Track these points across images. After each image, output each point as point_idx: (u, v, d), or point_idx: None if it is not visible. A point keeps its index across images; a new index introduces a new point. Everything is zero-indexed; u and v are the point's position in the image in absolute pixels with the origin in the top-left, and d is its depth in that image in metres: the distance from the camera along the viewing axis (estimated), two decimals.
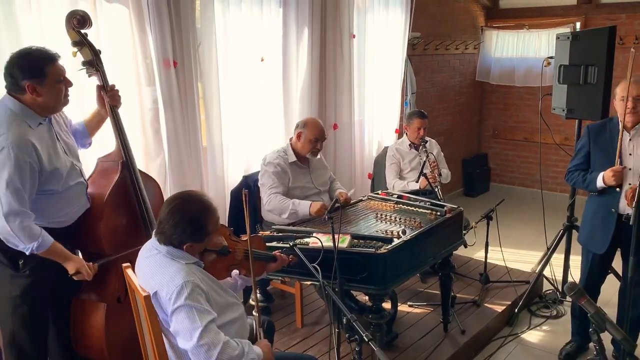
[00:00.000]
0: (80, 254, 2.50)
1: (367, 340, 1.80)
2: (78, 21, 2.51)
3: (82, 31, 2.56)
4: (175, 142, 3.43)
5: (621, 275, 3.31)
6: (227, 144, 3.82)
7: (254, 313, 2.30)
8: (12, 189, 2.18)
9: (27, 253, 2.25)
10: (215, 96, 3.67)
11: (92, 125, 2.74)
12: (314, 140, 3.56)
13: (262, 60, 3.96)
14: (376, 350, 1.71)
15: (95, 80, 2.67)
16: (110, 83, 2.69)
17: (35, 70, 2.26)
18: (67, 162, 2.44)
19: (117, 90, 2.71)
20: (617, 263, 3.21)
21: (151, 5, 3.14)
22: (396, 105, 5.31)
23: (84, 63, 2.60)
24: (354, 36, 4.67)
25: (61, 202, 2.41)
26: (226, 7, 3.67)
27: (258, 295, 3.60)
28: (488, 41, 6.88)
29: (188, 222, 2.00)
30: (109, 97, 2.65)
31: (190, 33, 3.41)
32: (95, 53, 2.61)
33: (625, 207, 2.90)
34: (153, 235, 2.11)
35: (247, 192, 2.21)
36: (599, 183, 2.90)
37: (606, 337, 1.83)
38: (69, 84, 2.40)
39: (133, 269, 2.17)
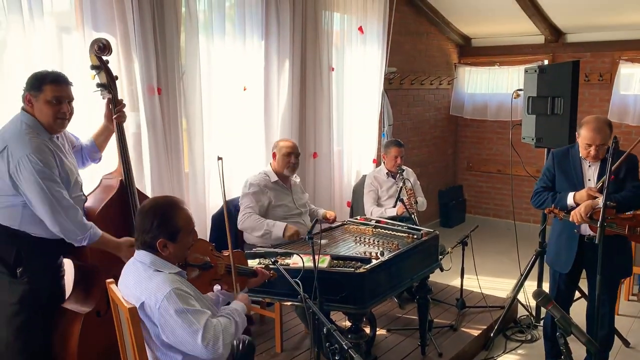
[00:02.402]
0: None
1: (347, 348, 1.85)
2: (99, 48, 2.75)
3: (103, 57, 2.78)
4: (158, 167, 3.50)
5: (587, 295, 3.41)
6: (208, 170, 3.90)
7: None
8: (56, 186, 2.37)
9: (84, 243, 2.46)
10: (198, 123, 3.76)
11: (101, 140, 2.93)
12: (287, 154, 3.69)
13: (244, 89, 4.09)
14: (355, 358, 1.77)
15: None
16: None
17: (35, 84, 2.46)
18: (73, 175, 2.60)
19: (124, 105, 2.92)
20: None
21: (138, 34, 3.26)
22: (374, 136, 5.46)
23: (99, 85, 2.83)
24: (333, 69, 4.85)
25: None
26: (210, 38, 3.81)
27: None
28: (461, 77, 7.15)
29: (155, 215, 2.07)
30: (117, 113, 2.83)
31: (175, 62, 3.53)
32: (112, 78, 2.83)
33: (586, 228, 3.05)
34: (135, 252, 2.16)
35: (222, 158, 2.37)
36: (569, 201, 3.04)
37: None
38: (65, 109, 2.52)
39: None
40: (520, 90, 4.27)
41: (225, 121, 4.02)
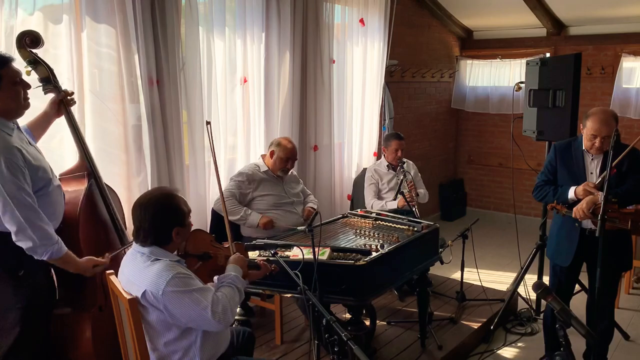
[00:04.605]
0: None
1: (346, 339, 1.85)
2: (31, 40, 2.53)
3: (34, 50, 2.56)
4: (158, 159, 3.49)
5: (587, 288, 3.42)
6: (209, 163, 3.89)
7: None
8: (17, 200, 2.18)
9: (45, 258, 2.26)
10: (198, 115, 3.75)
11: (40, 128, 2.67)
12: (284, 159, 3.71)
13: (244, 81, 4.08)
14: (354, 349, 1.77)
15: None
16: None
17: None
18: (45, 162, 2.44)
19: (72, 93, 2.73)
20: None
21: (138, 26, 3.24)
22: (374, 129, 5.45)
23: (41, 80, 2.60)
24: (334, 61, 4.83)
25: (51, 203, 2.41)
26: (210, 30, 3.79)
27: (239, 309, 3.64)
28: (463, 70, 7.12)
29: (163, 208, 2.10)
30: (66, 99, 2.65)
31: (176, 53, 3.51)
32: (51, 70, 2.61)
33: (588, 221, 3.04)
34: (134, 243, 2.16)
35: (210, 123, 2.32)
36: (571, 195, 3.04)
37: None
38: (27, 86, 2.36)
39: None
40: (521, 83, 4.25)
41: (225, 113, 4.01)
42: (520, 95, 4.68)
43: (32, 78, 2.55)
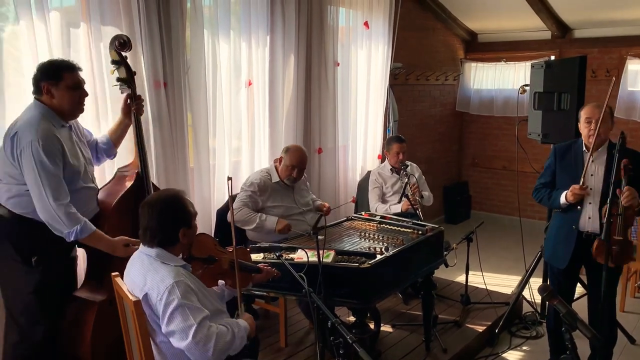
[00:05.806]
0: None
1: (351, 342, 1.85)
2: (120, 44, 2.82)
3: (123, 53, 2.84)
4: (164, 161, 3.51)
5: (587, 290, 3.41)
6: (213, 165, 3.90)
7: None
8: (51, 177, 2.39)
9: (72, 238, 2.43)
10: (203, 118, 3.76)
11: (117, 135, 2.98)
12: (291, 167, 3.68)
13: (249, 84, 4.09)
14: (360, 352, 1.77)
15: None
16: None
17: (53, 73, 2.52)
18: (83, 165, 2.63)
19: (143, 100, 3.00)
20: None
21: (143, 29, 3.26)
22: (379, 132, 5.45)
23: (119, 79, 2.88)
24: (338, 64, 4.83)
25: (75, 202, 2.51)
26: (215, 34, 3.80)
27: None
28: (467, 73, 7.12)
29: (170, 207, 2.12)
30: (135, 105, 2.89)
31: (181, 56, 3.52)
32: (131, 73, 2.89)
33: (585, 224, 3.05)
34: (141, 245, 2.17)
35: (231, 179, 2.36)
36: (562, 200, 3.04)
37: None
38: (84, 94, 2.64)
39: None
40: (526, 85, 4.25)
41: (230, 116, 4.02)
42: (525, 98, 4.68)
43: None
